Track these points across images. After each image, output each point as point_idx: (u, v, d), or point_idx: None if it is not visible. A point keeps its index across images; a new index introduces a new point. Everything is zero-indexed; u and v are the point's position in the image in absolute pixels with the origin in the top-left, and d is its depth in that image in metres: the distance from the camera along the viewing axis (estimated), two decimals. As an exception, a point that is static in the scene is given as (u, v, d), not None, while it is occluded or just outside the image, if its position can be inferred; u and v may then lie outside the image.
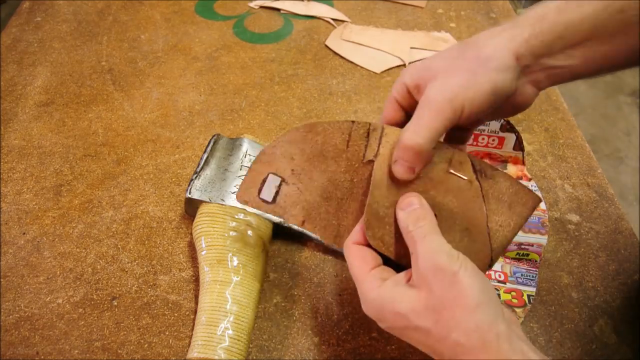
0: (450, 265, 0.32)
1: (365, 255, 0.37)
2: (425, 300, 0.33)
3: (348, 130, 0.40)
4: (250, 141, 0.55)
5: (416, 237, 0.35)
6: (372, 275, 0.36)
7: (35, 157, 0.62)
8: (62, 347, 0.46)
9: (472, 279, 0.32)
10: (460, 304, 0.32)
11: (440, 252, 0.33)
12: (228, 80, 0.74)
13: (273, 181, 0.42)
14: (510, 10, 0.89)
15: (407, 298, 0.33)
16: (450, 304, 0.32)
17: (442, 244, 0.34)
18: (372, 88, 0.73)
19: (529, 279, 0.50)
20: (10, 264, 0.52)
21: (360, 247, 0.38)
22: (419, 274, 0.34)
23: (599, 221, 0.57)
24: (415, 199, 0.37)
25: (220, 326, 0.43)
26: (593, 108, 2.02)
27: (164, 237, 0.54)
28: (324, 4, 0.89)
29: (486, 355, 0.31)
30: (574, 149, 0.65)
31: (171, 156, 0.63)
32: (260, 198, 0.42)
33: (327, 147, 0.41)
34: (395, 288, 0.34)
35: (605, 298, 0.51)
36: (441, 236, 0.35)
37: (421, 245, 0.34)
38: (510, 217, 0.38)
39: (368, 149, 0.40)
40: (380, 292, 0.35)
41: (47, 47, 0.78)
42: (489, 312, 0.32)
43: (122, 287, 0.50)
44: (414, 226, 0.35)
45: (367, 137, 0.40)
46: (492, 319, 0.31)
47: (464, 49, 0.37)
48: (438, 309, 0.32)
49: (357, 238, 0.38)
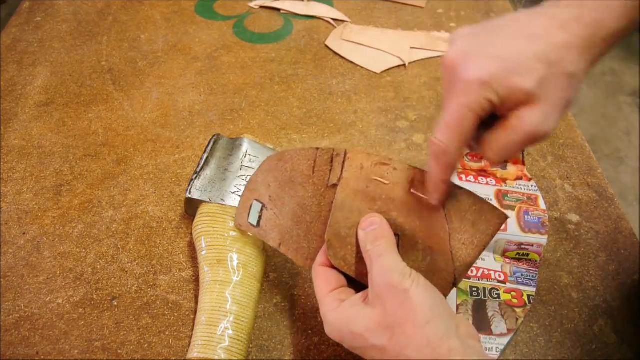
0: (401, 282, 0.33)
1: (328, 277, 0.38)
2: (379, 318, 0.33)
3: (313, 157, 0.43)
4: (250, 141, 0.55)
5: (372, 256, 0.36)
6: (331, 296, 0.37)
7: (35, 157, 0.62)
8: (62, 347, 0.46)
9: (423, 296, 0.33)
10: (411, 320, 0.32)
11: (393, 270, 0.34)
12: (228, 80, 0.74)
13: (256, 207, 0.45)
14: (510, 10, 0.89)
15: (362, 317, 0.34)
16: (401, 321, 0.32)
17: (395, 262, 0.35)
18: (372, 88, 0.73)
19: (529, 279, 0.50)
20: (10, 264, 0.52)
21: (326, 268, 0.39)
22: (374, 293, 0.34)
23: (599, 221, 0.57)
24: (377, 218, 0.38)
25: (220, 326, 0.43)
26: (593, 108, 2.02)
27: (164, 237, 0.54)
28: (324, 4, 0.89)
29: None
30: (574, 149, 0.65)
31: (171, 156, 0.63)
32: (249, 222, 0.46)
33: (295, 174, 0.43)
34: (352, 308, 0.35)
35: (605, 298, 0.51)
36: (397, 255, 0.35)
37: (376, 264, 0.35)
38: (474, 235, 0.38)
39: (332, 174, 0.42)
40: (338, 313, 0.36)
41: (47, 47, 0.78)
42: (440, 328, 0.32)
43: (122, 287, 0.50)
44: (371, 245, 0.36)
45: (331, 162, 0.42)
46: (444, 334, 0.32)
47: (543, 59, 0.32)
48: (391, 327, 0.33)
49: (323, 260, 0.39)
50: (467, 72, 0.32)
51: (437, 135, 0.33)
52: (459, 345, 0.31)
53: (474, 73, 0.32)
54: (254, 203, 0.45)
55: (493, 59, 0.32)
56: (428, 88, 0.73)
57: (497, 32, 0.34)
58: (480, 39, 0.34)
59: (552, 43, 0.33)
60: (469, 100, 0.32)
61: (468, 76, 0.32)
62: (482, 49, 0.33)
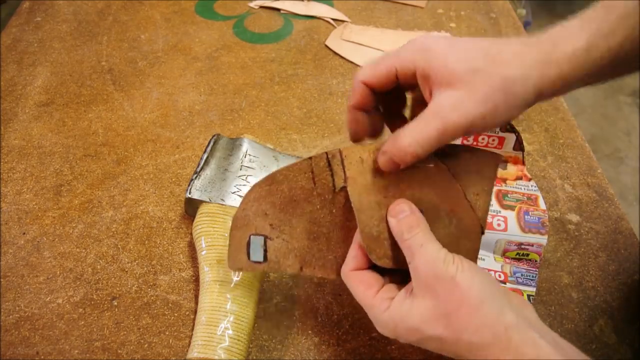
0: (447, 270, 0.33)
1: (367, 280, 0.38)
2: (432, 309, 0.33)
3: (309, 168, 0.40)
4: (250, 141, 0.55)
5: (413, 248, 0.35)
6: (379, 298, 0.37)
7: (35, 157, 0.62)
8: (62, 347, 0.46)
9: (471, 279, 0.33)
10: (464, 305, 0.32)
11: (436, 259, 0.34)
12: (228, 80, 0.74)
13: (256, 242, 0.41)
14: (510, 10, 0.89)
15: (414, 312, 0.34)
16: (454, 307, 0.33)
17: (437, 250, 0.35)
18: (372, 88, 0.73)
19: (529, 279, 0.50)
20: (10, 264, 0.52)
21: (359, 272, 0.39)
22: (422, 285, 0.34)
23: (599, 221, 0.57)
24: (405, 205, 0.38)
25: (220, 326, 0.43)
26: (593, 108, 2.02)
27: (164, 237, 0.54)
28: (324, 4, 0.89)
29: (498, 349, 0.31)
30: (574, 149, 0.65)
31: (171, 156, 0.63)
32: (252, 261, 0.41)
33: (294, 192, 0.41)
34: (402, 305, 0.35)
35: (605, 298, 0.51)
36: (436, 242, 0.35)
37: (419, 256, 0.35)
38: (482, 183, 0.40)
39: (336, 178, 0.40)
40: (391, 314, 0.35)
41: (47, 47, 0.78)
42: (493, 306, 0.32)
43: (122, 287, 0.50)
44: (408, 234, 0.36)
45: (329, 166, 0.40)
46: (498, 312, 0.32)
47: (487, 56, 0.34)
48: (445, 315, 0.33)
49: (353, 264, 0.39)
50: (417, 41, 0.36)
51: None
52: (514, 320, 0.32)
53: (420, 41, 0.36)
54: (251, 239, 0.41)
55: (443, 42, 0.35)
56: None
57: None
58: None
59: (502, 44, 0.35)
60: (396, 59, 0.36)
61: (415, 44, 0.36)
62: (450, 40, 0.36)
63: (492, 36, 0.83)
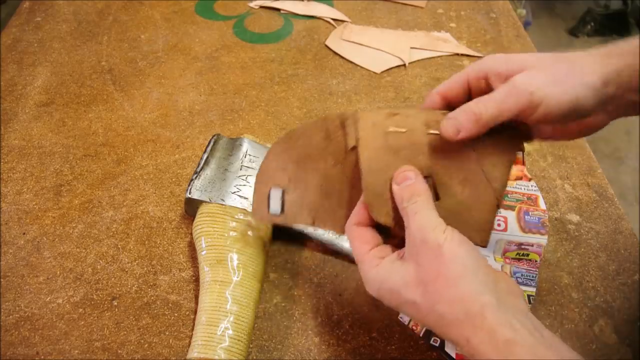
0: (435, 238, 0.33)
1: (365, 236, 0.38)
2: (413, 274, 0.33)
3: (324, 127, 0.42)
4: (250, 141, 0.55)
5: (409, 214, 0.35)
6: (371, 254, 0.37)
7: (35, 157, 0.62)
8: (62, 347, 0.46)
9: (456, 251, 0.32)
10: (442, 276, 0.32)
11: (427, 226, 0.34)
12: (228, 80, 0.74)
13: (276, 194, 0.44)
14: (510, 10, 0.89)
15: (398, 274, 0.34)
16: (433, 276, 0.32)
17: (431, 218, 0.35)
18: (372, 88, 0.73)
19: (529, 279, 0.50)
20: (10, 264, 0.52)
21: (361, 227, 0.39)
22: (410, 249, 0.35)
23: (599, 221, 0.57)
24: (412, 172, 0.37)
25: (221, 326, 0.43)
26: (593, 108, 2.02)
27: (164, 237, 0.54)
28: (324, 4, 0.89)
29: (470, 326, 0.31)
30: (574, 149, 0.65)
31: (171, 156, 0.63)
32: (271, 213, 0.43)
33: (310, 148, 0.42)
34: (390, 265, 0.35)
35: (605, 298, 0.51)
36: (433, 211, 0.35)
37: (412, 221, 0.35)
38: (500, 154, 0.39)
39: (348, 137, 0.41)
40: (378, 270, 0.36)
41: (47, 47, 0.78)
42: (472, 283, 0.32)
43: (122, 287, 0.50)
44: (408, 202, 0.36)
45: (343, 126, 0.41)
46: (477, 290, 0.31)
47: (556, 56, 0.38)
48: (424, 282, 0.33)
49: (357, 219, 0.39)
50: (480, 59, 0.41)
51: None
52: (493, 302, 0.31)
53: (484, 58, 0.41)
54: (272, 192, 0.44)
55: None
56: (428, 88, 0.73)
57: None
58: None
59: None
60: (471, 68, 0.41)
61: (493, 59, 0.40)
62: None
63: (492, 36, 0.83)
